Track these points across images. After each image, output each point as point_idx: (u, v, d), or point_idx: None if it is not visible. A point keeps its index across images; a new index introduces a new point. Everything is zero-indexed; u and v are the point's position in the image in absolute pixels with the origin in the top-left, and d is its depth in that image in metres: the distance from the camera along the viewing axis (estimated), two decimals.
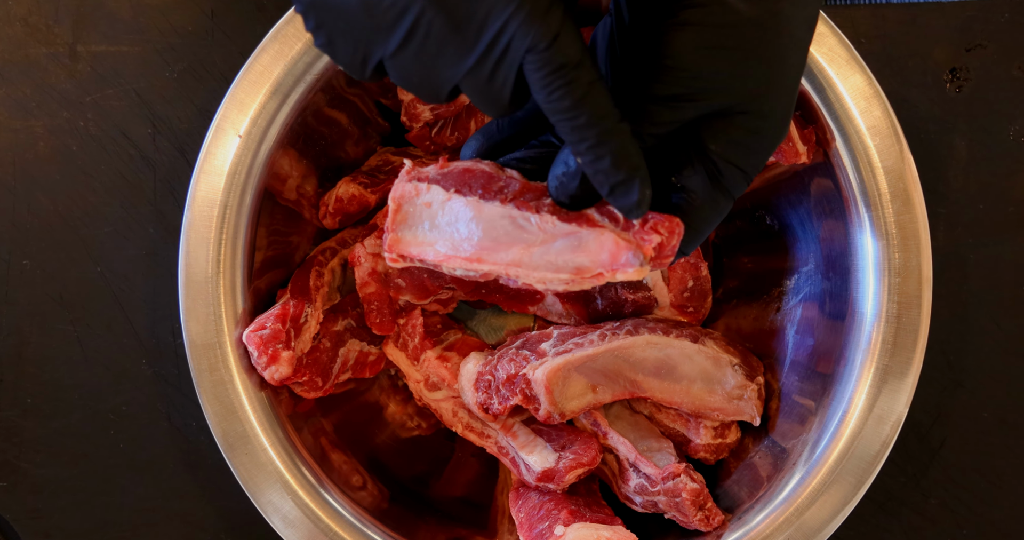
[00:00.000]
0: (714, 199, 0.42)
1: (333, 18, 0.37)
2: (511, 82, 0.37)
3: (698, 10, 0.37)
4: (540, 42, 0.35)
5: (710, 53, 0.38)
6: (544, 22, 0.35)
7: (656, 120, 0.40)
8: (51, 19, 0.65)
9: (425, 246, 0.44)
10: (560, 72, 0.36)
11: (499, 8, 0.34)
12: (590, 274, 0.42)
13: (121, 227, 0.65)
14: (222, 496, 0.65)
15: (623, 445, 0.57)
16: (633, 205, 0.39)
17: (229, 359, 0.54)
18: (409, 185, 0.45)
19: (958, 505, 0.65)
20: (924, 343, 0.53)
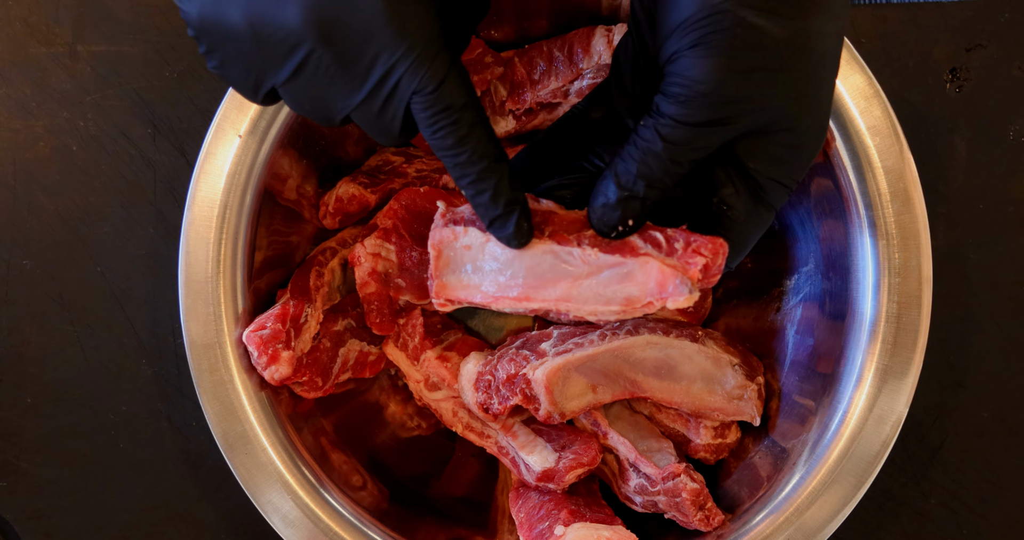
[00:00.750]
0: (757, 214, 0.43)
1: (225, 45, 0.37)
2: (400, 118, 0.38)
3: (725, 35, 0.37)
4: (427, 86, 0.37)
5: (744, 77, 0.38)
6: (431, 67, 0.37)
7: (694, 146, 0.40)
8: (51, 19, 0.65)
9: (471, 289, 0.45)
10: (445, 113, 0.38)
11: (388, 51, 0.36)
12: (640, 304, 0.43)
13: (121, 227, 0.65)
14: (222, 496, 0.65)
15: (623, 445, 0.57)
16: (510, 236, 0.41)
17: (229, 359, 0.54)
18: (446, 230, 0.44)
19: (958, 505, 0.65)
20: (924, 343, 0.53)
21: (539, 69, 0.60)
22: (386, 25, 0.35)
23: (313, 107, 0.39)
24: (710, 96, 0.38)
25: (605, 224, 0.42)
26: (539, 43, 0.60)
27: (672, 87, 0.39)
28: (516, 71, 0.61)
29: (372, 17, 0.34)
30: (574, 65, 0.58)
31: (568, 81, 0.59)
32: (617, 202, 0.41)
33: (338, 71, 0.36)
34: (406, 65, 0.36)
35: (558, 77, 0.59)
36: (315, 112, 0.40)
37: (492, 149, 0.39)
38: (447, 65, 0.37)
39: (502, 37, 0.61)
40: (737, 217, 0.43)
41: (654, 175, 0.40)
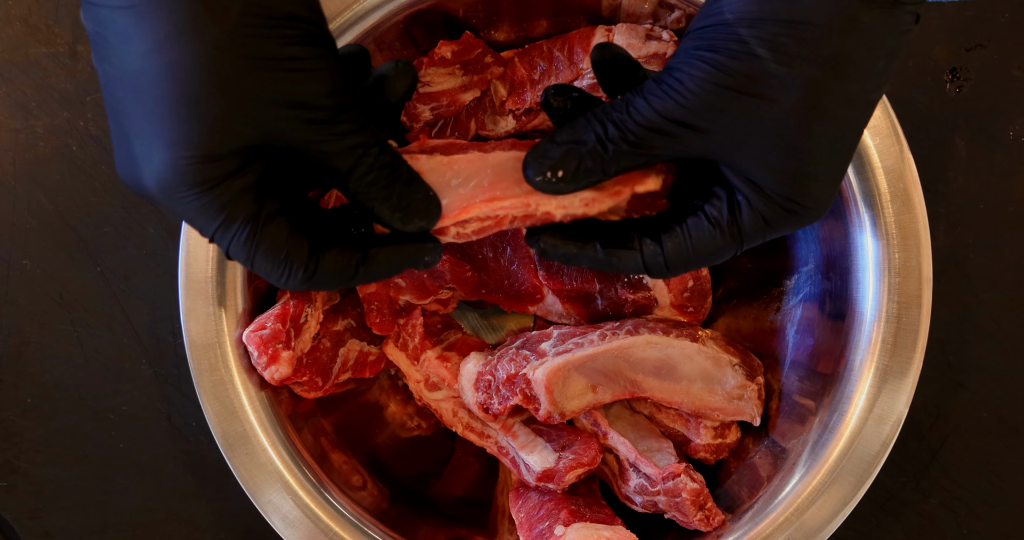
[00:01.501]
0: (721, 231, 0.42)
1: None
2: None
3: (726, 52, 0.37)
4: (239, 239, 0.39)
5: (728, 94, 0.38)
6: (236, 230, 0.39)
7: (655, 137, 0.40)
8: (51, 19, 0.65)
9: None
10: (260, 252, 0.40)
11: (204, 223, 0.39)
12: (611, 189, 0.43)
13: (121, 227, 0.65)
14: (222, 496, 0.65)
15: (623, 445, 0.57)
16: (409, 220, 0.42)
17: (229, 359, 0.54)
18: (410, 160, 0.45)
19: (958, 505, 0.65)
20: (924, 343, 0.53)
21: (539, 69, 0.60)
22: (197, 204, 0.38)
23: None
24: (688, 96, 0.38)
25: (537, 164, 0.41)
26: (539, 43, 0.60)
27: (663, 75, 0.39)
28: (516, 71, 0.61)
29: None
30: (574, 65, 0.58)
31: (568, 81, 0.59)
32: (559, 147, 0.41)
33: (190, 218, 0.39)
34: (221, 232, 0.39)
35: (558, 77, 0.59)
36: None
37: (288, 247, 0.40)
38: (254, 224, 0.39)
39: (502, 37, 0.61)
40: (699, 226, 0.42)
41: (604, 139, 0.40)
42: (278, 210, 0.39)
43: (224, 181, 0.37)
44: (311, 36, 0.37)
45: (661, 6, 0.56)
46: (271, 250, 0.39)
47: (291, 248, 0.39)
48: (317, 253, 0.40)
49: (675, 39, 0.56)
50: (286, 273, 0.40)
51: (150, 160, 0.37)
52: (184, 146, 0.36)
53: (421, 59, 0.59)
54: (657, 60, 0.56)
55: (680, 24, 0.57)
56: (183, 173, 0.36)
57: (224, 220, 0.38)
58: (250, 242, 0.39)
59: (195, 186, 0.37)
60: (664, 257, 0.43)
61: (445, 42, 0.58)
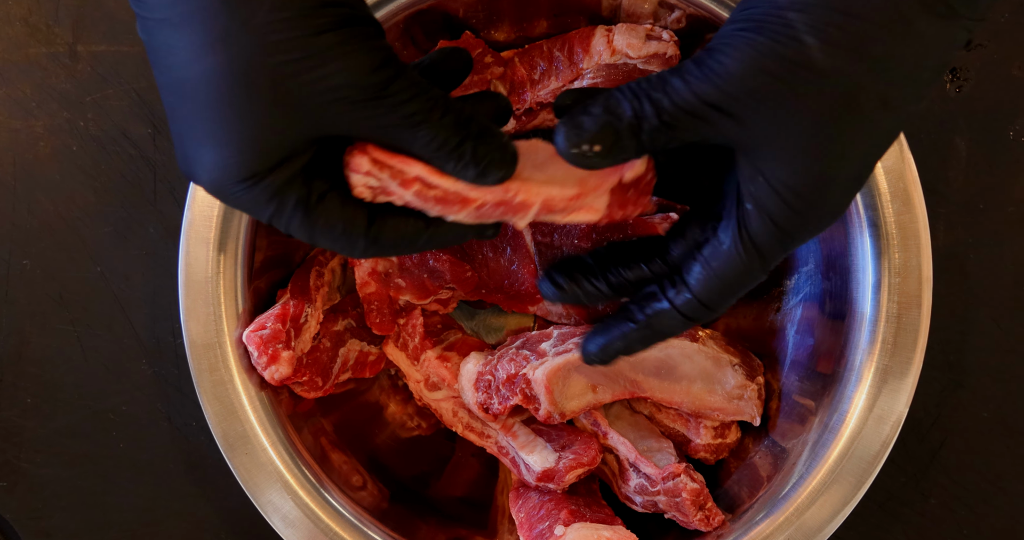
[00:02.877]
0: (738, 251, 0.41)
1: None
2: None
3: (772, 36, 0.36)
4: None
5: (765, 79, 0.37)
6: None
7: (689, 118, 0.38)
8: (51, 19, 0.65)
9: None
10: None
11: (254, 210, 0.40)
12: (598, 175, 0.43)
13: (121, 227, 0.65)
14: (222, 496, 0.65)
15: (623, 445, 0.57)
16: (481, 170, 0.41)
17: (229, 359, 0.54)
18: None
19: (958, 505, 0.65)
20: (924, 343, 0.53)
21: (539, 69, 0.60)
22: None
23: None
24: (728, 78, 0.37)
25: (574, 135, 0.39)
26: (539, 43, 0.60)
27: (704, 55, 0.38)
28: (516, 71, 0.61)
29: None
30: (574, 65, 0.58)
31: (568, 81, 0.59)
32: (595, 119, 0.39)
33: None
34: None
35: (558, 77, 0.59)
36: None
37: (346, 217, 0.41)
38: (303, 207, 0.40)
39: (502, 37, 0.61)
40: (717, 253, 0.41)
41: (641, 115, 0.39)
42: (329, 187, 0.40)
43: (272, 172, 0.38)
44: (344, 19, 0.36)
45: (661, 6, 0.56)
46: (327, 227, 0.40)
47: (347, 221, 0.40)
48: (378, 220, 0.41)
49: (675, 39, 0.56)
50: (348, 245, 0.41)
51: (201, 161, 0.38)
52: (230, 148, 0.37)
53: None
54: (658, 60, 0.56)
55: (680, 24, 0.57)
56: (231, 172, 0.38)
57: (276, 209, 0.39)
58: (305, 224, 0.39)
59: (242, 182, 0.38)
60: (696, 297, 0.42)
61: (445, 42, 0.58)
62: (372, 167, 0.40)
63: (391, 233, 0.41)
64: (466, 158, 0.39)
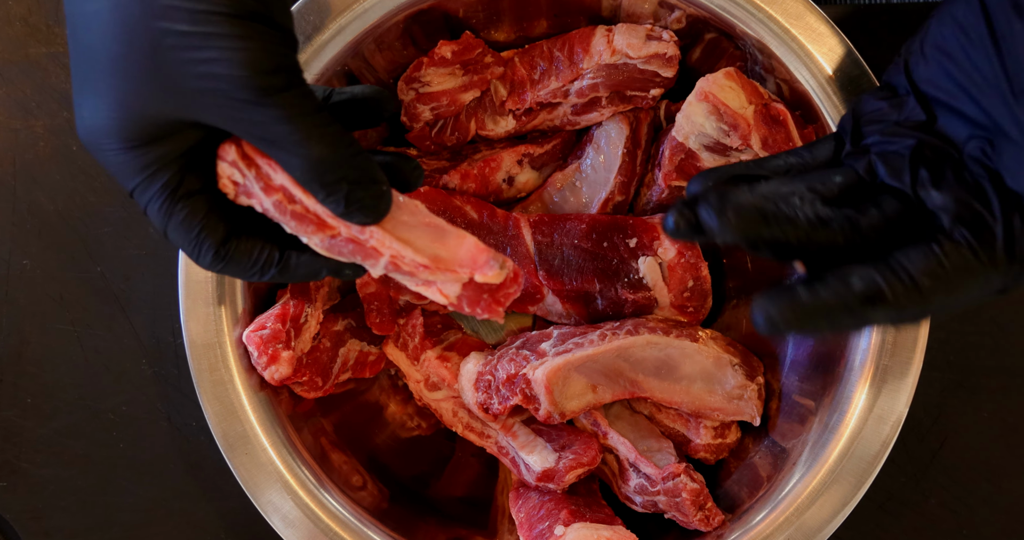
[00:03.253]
0: (981, 261, 0.36)
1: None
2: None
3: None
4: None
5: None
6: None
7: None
8: (51, 19, 0.65)
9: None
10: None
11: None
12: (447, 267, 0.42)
13: (121, 227, 0.65)
14: (222, 496, 0.65)
15: (623, 445, 0.57)
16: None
17: (229, 359, 0.54)
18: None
19: (958, 505, 0.65)
20: (924, 343, 0.53)
21: (539, 69, 0.60)
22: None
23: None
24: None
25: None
26: (539, 43, 0.60)
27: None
28: (516, 71, 0.61)
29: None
30: (574, 65, 0.58)
31: (568, 81, 0.59)
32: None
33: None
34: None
35: (558, 77, 0.59)
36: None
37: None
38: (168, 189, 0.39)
39: (502, 37, 0.61)
40: (955, 258, 0.36)
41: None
42: (200, 188, 0.39)
43: (148, 144, 0.37)
44: (253, 14, 0.35)
45: (661, 6, 0.56)
46: (184, 224, 0.39)
47: (206, 227, 0.39)
48: (234, 239, 0.40)
49: (675, 39, 0.56)
50: (198, 250, 0.40)
51: (80, 108, 0.37)
52: (110, 101, 0.36)
53: (421, 59, 0.59)
54: (658, 60, 0.56)
55: (680, 24, 0.57)
56: (107, 127, 0.37)
57: (142, 181, 0.38)
58: (165, 210, 0.39)
59: (118, 141, 0.37)
60: (923, 299, 0.36)
61: (445, 42, 0.58)
62: (240, 160, 0.39)
63: (244, 254, 0.40)
64: (338, 195, 0.38)
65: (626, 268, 0.59)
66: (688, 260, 0.59)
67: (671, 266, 0.59)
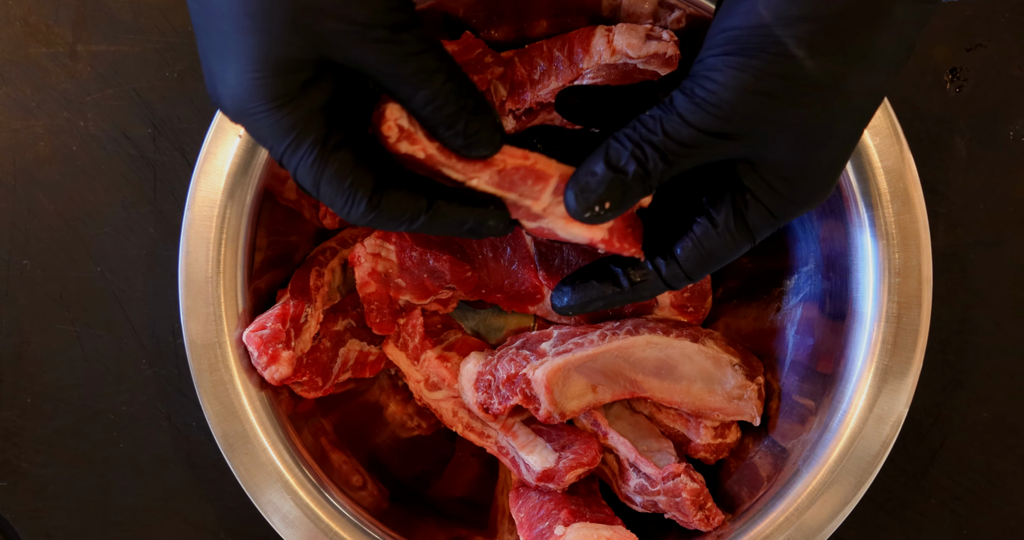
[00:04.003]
0: (731, 238, 0.43)
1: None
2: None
3: (761, 54, 0.37)
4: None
5: (763, 100, 0.38)
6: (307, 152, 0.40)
7: (691, 151, 0.40)
8: (51, 19, 0.65)
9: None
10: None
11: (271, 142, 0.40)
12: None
13: (121, 227, 0.65)
14: (222, 496, 0.65)
15: (623, 445, 0.57)
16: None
17: (229, 359, 0.54)
18: None
19: (958, 505, 0.65)
20: (924, 343, 0.53)
21: (539, 69, 0.60)
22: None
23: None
24: (724, 107, 0.38)
25: (584, 198, 0.41)
26: (539, 43, 0.60)
27: (693, 86, 0.39)
28: (516, 71, 0.61)
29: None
30: (574, 65, 0.58)
31: (568, 81, 0.59)
32: (600, 178, 0.40)
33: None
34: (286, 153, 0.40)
35: (558, 77, 0.59)
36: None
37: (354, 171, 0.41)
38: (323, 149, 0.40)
39: (502, 37, 0.61)
40: (713, 228, 0.43)
41: (645, 164, 0.40)
42: (345, 139, 0.40)
43: (294, 99, 0.38)
44: None
45: (661, 6, 0.56)
46: (337, 176, 0.40)
47: (357, 178, 0.40)
48: (383, 189, 0.41)
49: (675, 39, 0.56)
50: (350, 202, 0.40)
51: (224, 77, 0.38)
52: (251, 60, 0.37)
53: None
54: (657, 60, 0.56)
55: (680, 24, 0.57)
56: (252, 88, 0.38)
57: (293, 139, 0.39)
58: (317, 165, 0.39)
59: (265, 101, 0.38)
60: (682, 269, 0.44)
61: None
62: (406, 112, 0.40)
63: (394, 205, 0.41)
64: (457, 128, 0.40)
65: None
66: None
67: None
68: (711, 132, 0.39)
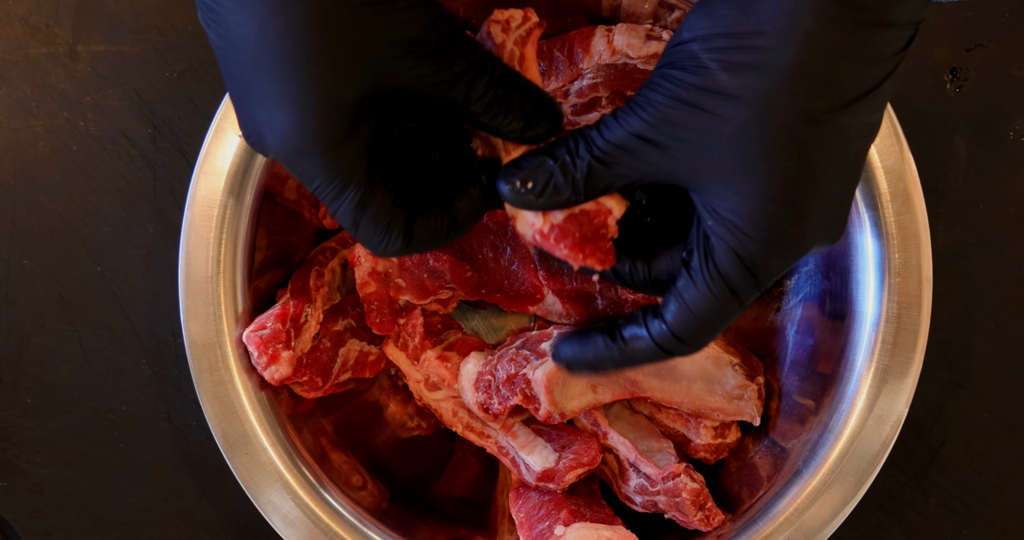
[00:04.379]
0: (707, 282, 0.40)
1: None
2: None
3: (684, 68, 0.38)
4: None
5: (684, 108, 0.38)
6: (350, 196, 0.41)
7: (621, 149, 0.40)
8: (51, 19, 0.65)
9: None
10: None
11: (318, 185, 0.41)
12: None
13: (121, 227, 0.65)
14: (222, 496, 0.65)
15: (623, 445, 0.57)
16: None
17: (229, 359, 0.54)
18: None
19: (958, 505, 0.65)
20: (924, 343, 0.53)
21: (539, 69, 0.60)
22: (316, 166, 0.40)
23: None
24: (650, 110, 0.39)
25: (509, 175, 0.42)
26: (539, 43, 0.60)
27: (635, 94, 0.41)
28: None
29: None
30: (574, 65, 0.58)
31: (568, 81, 0.59)
32: (532, 160, 0.42)
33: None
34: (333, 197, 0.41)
35: (558, 77, 0.59)
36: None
37: (386, 212, 0.41)
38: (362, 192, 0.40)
39: None
40: (688, 286, 0.41)
41: (574, 159, 0.41)
42: (384, 176, 0.41)
43: (344, 140, 0.39)
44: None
45: (661, 6, 0.56)
46: (376, 217, 0.40)
47: (393, 217, 0.41)
48: (413, 221, 0.42)
49: None
50: (386, 240, 0.41)
51: (276, 122, 0.38)
52: (308, 103, 0.37)
53: None
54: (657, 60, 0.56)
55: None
56: (308, 130, 0.38)
57: (339, 183, 0.39)
58: (359, 208, 0.40)
59: (320, 144, 0.38)
60: (672, 332, 0.42)
61: None
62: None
63: (424, 231, 0.42)
64: (515, 111, 0.41)
65: None
66: None
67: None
68: (636, 134, 0.39)
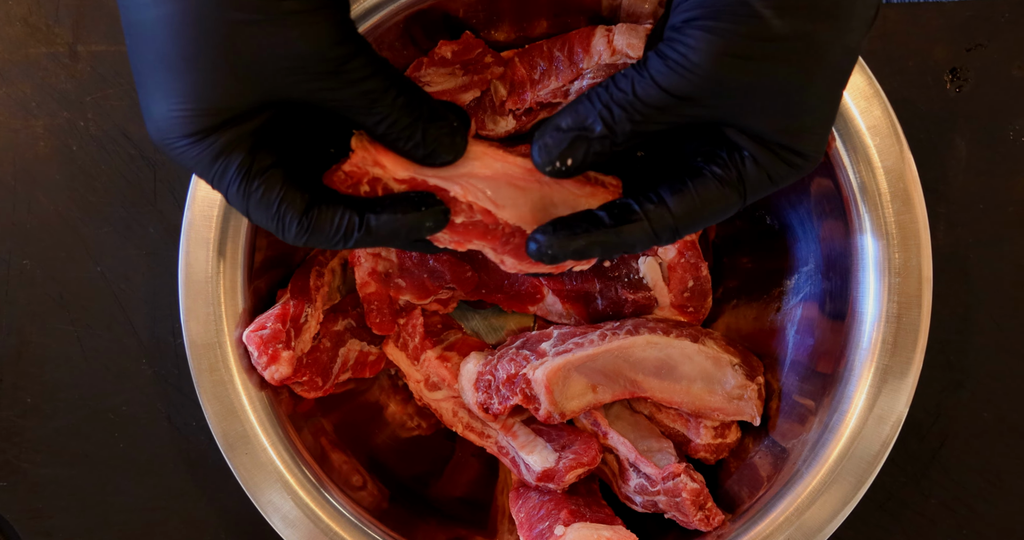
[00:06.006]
0: (728, 186, 0.41)
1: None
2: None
3: (729, 16, 0.37)
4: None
5: (736, 63, 0.37)
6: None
7: (663, 113, 0.39)
8: (51, 19, 0.65)
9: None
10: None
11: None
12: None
13: (121, 227, 0.65)
14: (222, 496, 0.65)
15: (623, 445, 0.57)
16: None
17: (229, 359, 0.54)
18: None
19: (958, 505, 0.65)
20: (924, 343, 0.53)
21: (539, 69, 0.60)
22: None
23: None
24: (696, 70, 0.38)
25: (547, 153, 0.41)
26: (539, 43, 0.60)
27: (667, 48, 0.39)
28: (516, 71, 0.61)
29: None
30: (574, 65, 0.58)
31: (568, 81, 0.59)
32: (565, 135, 0.41)
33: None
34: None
35: (558, 77, 0.59)
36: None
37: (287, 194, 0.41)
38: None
39: (502, 37, 0.61)
40: (706, 183, 0.41)
41: (612, 124, 0.40)
42: (273, 163, 0.40)
43: (217, 131, 0.38)
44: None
45: (661, 6, 0.56)
46: (263, 202, 0.40)
47: (285, 198, 0.40)
48: (315, 208, 0.41)
49: None
50: (281, 224, 0.41)
51: (150, 111, 0.38)
52: (178, 99, 0.37)
53: (421, 59, 0.59)
54: None
55: None
56: (176, 125, 0.38)
57: (218, 170, 0.39)
58: (242, 193, 0.40)
59: (187, 136, 0.38)
60: (673, 218, 0.42)
61: (445, 42, 0.58)
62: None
63: (327, 221, 0.41)
64: (416, 139, 0.41)
65: (626, 268, 0.59)
66: (688, 260, 0.59)
67: (671, 266, 0.59)
68: (681, 96, 0.39)
